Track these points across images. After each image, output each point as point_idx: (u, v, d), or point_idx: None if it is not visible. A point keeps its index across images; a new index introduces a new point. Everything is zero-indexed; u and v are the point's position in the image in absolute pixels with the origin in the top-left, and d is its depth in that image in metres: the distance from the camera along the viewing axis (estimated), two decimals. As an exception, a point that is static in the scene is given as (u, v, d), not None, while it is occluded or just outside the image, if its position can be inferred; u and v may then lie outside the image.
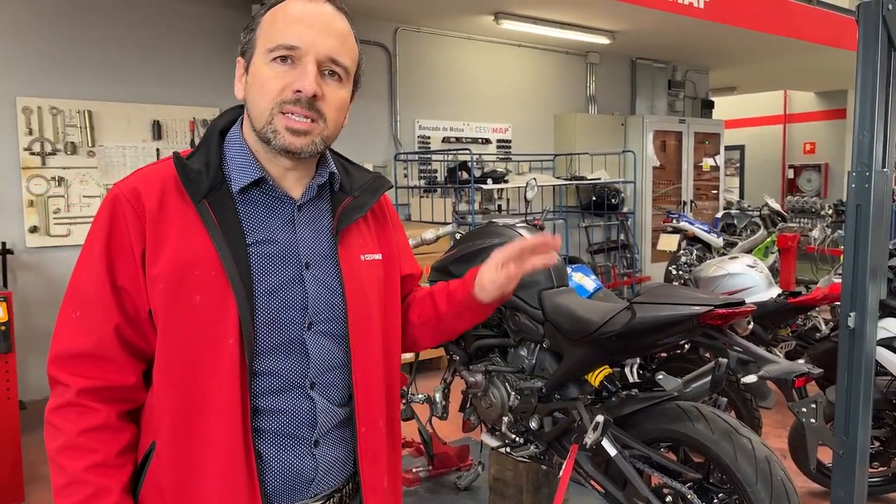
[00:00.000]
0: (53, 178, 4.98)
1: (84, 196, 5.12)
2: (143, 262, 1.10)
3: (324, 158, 1.25)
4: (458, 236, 3.05)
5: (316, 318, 1.16)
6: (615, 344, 2.32)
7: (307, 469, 1.16)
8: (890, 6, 2.22)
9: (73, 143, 5.03)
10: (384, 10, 6.30)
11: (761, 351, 2.12)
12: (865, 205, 2.32)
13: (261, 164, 1.17)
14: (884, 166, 2.33)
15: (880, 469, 3.30)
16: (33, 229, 4.92)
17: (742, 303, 2.17)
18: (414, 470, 3.30)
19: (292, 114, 1.11)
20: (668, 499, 2.23)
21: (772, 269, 6.30)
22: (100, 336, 1.11)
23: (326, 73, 1.14)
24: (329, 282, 1.19)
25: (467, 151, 6.23)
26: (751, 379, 2.07)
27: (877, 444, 3.23)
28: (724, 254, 6.39)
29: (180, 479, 1.11)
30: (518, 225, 2.82)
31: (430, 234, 2.99)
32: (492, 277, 1.29)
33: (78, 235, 5.07)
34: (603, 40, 7.40)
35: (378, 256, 1.28)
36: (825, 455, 3.30)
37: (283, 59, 1.11)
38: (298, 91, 1.10)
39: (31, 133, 4.88)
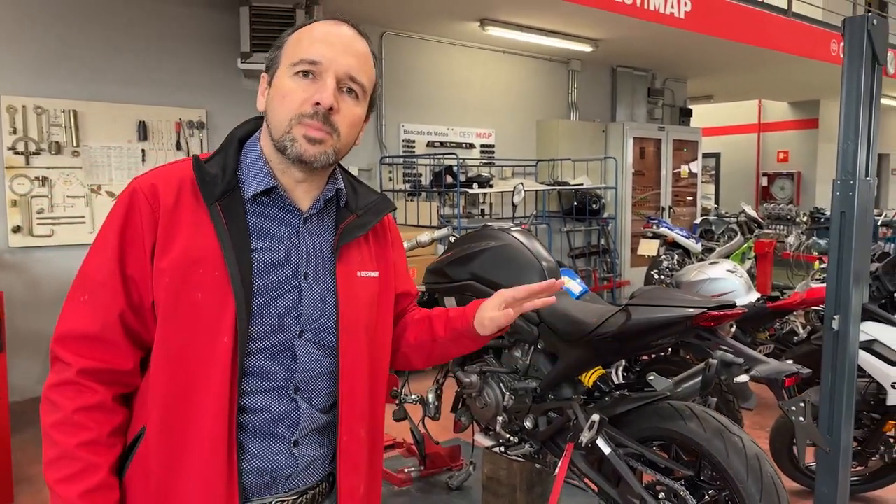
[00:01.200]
0: (37, 178, 4.94)
1: (68, 196, 5.08)
2: (153, 254, 1.16)
3: (333, 174, 1.31)
4: (452, 239, 3.10)
5: (308, 327, 1.22)
6: (610, 345, 2.38)
7: (285, 466, 1.22)
8: (874, 21, 2.32)
9: (57, 142, 4.99)
10: (370, 15, 6.34)
11: (752, 352, 2.19)
12: (850, 211, 2.41)
13: (274, 175, 1.23)
14: (867, 175, 2.43)
15: (858, 468, 3.41)
16: (16, 229, 4.87)
17: (733, 305, 2.24)
18: (406, 470, 3.34)
19: (311, 125, 1.17)
20: (661, 495, 2.29)
21: (749, 274, 6.44)
22: (105, 320, 1.16)
23: (345, 89, 1.20)
24: (324, 294, 1.24)
25: (454, 156, 6.29)
26: (743, 379, 2.14)
27: (855, 444, 3.33)
28: (702, 259, 6.52)
29: (166, 464, 1.16)
30: (513, 228, 2.87)
31: (425, 236, 3.04)
32: (493, 315, 1.35)
33: (62, 236, 5.04)
34: (586, 48, 7.51)
35: (375, 274, 1.33)
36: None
37: (306, 73, 1.18)
38: (317, 104, 1.16)
39: (15, 132, 4.83)
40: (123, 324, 1.17)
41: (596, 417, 2.31)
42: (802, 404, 2.07)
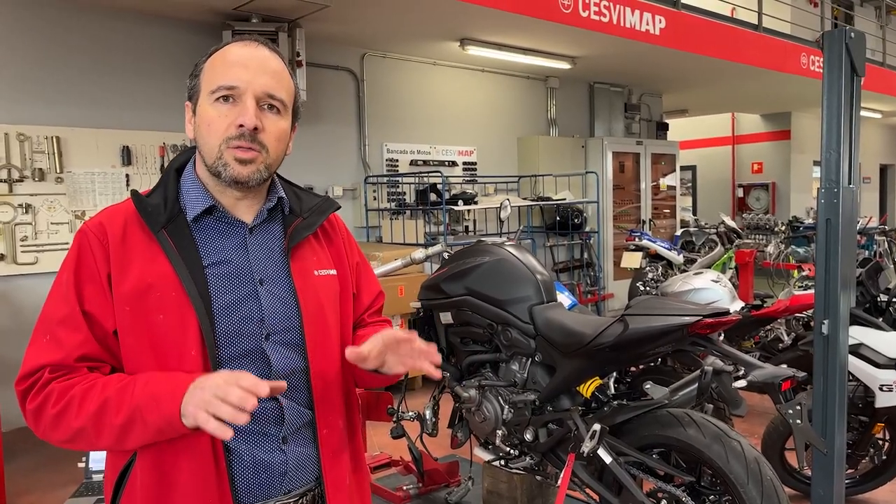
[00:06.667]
0: (21, 206, 4.90)
1: (52, 223, 5.04)
2: (110, 284, 1.20)
3: (273, 185, 1.37)
4: (445, 255, 3.13)
5: (273, 329, 1.27)
6: (608, 355, 2.42)
7: (277, 463, 1.26)
8: (852, 35, 2.40)
9: (40, 169, 4.96)
10: (351, 36, 6.40)
11: (748, 357, 2.24)
12: (835, 219, 2.48)
13: (212, 196, 1.29)
14: (850, 183, 2.51)
15: (849, 471, 3.46)
16: (0, 257, 4.82)
17: (728, 312, 2.29)
18: (404, 487, 3.34)
19: (239, 147, 1.23)
20: (663, 502, 2.33)
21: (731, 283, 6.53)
22: (68, 353, 1.19)
23: (265, 107, 1.26)
24: (283, 296, 1.30)
25: (438, 174, 6.34)
26: (741, 384, 2.18)
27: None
28: (685, 270, 6.61)
29: (158, 484, 1.20)
30: (507, 243, 2.91)
31: (419, 253, 3.07)
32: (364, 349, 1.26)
33: (46, 263, 4.99)
34: (564, 65, 7.63)
35: (333, 272, 1.39)
36: (793, 459, 3.46)
37: (225, 98, 1.23)
38: (241, 126, 1.22)
39: (-3, 160, 4.80)
40: (86, 357, 1.20)
41: (597, 427, 2.34)
42: (799, 407, 2.12)
